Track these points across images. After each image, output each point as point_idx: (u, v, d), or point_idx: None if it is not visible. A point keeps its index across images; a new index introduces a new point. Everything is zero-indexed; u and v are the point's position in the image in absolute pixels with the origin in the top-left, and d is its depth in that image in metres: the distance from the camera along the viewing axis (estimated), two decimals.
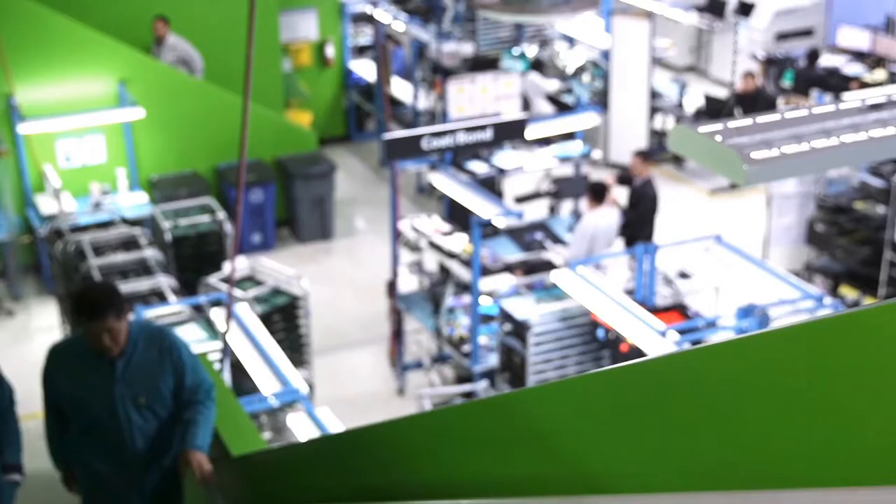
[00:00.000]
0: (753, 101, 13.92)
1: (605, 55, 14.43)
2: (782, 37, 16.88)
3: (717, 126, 6.75)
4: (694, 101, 15.09)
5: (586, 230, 10.09)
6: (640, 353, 7.88)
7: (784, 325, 1.75)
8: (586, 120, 12.07)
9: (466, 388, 9.50)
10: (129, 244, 9.49)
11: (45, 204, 11.95)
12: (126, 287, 8.64)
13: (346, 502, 3.82)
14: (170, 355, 5.06)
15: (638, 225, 10.80)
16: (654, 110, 14.82)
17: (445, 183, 10.53)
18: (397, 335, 10.47)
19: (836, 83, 14.62)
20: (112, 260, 9.13)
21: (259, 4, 4.95)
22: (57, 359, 5.12)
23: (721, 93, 15.46)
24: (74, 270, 9.15)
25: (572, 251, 10.14)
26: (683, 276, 9.72)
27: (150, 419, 5.08)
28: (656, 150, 14.42)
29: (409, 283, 10.62)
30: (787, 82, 15.28)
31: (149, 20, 13.10)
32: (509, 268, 9.96)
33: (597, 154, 14.06)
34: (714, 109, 14.41)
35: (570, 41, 15.15)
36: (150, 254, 9.26)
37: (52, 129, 12.04)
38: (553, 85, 14.55)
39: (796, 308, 8.17)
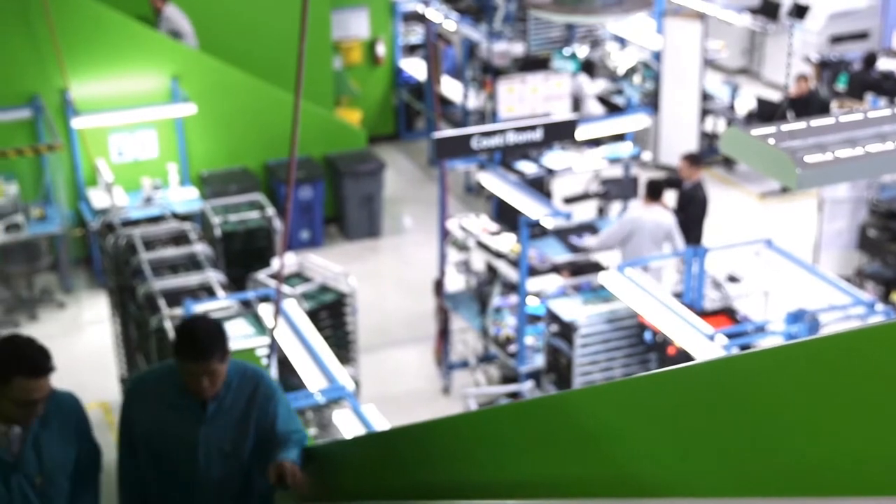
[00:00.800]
0: (807, 105, 13.79)
1: (657, 56, 14.35)
2: (836, 40, 16.71)
3: (770, 129, 6.69)
4: (746, 104, 14.97)
5: (627, 221, 10.07)
6: (687, 357, 7.83)
7: (834, 331, 1.73)
8: (636, 121, 12.01)
9: (512, 388, 9.49)
10: (179, 239, 9.56)
11: (98, 198, 12.09)
12: (175, 282, 8.71)
13: (391, 499, 3.83)
14: (265, 402, 4.60)
15: (687, 228, 10.72)
16: (705, 112, 14.72)
17: (494, 183, 10.52)
18: (443, 334, 10.47)
19: (892, 87, 14.44)
20: (162, 254, 9.20)
21: (311, 2, 4.97)
22: (138, 392, 4.66)
23: (773, 95, 15.32)
24: (125, 264, 9.24)
25: (605, 235, 10.10)
26: (732, 279, 9.64)
27: (233, 468, 4.65)
28: (706, 152, 14.32)
29: (456, 282, 10.63)
30: (841, 86, 15.11)
31: (203, 17, 13.20)
32: (556, 268, 9.93)
33: (646, 156, 14.01)
34: (766, 112, 14.29)
35: (622, 42, 15.08)
36: (200, 249, 9.32)
37: (105, 123, 12.18)
38: (603, 86, 14.49)
39: (847, 314, 8.07)
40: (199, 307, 8.19)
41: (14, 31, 11.72)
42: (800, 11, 15.42)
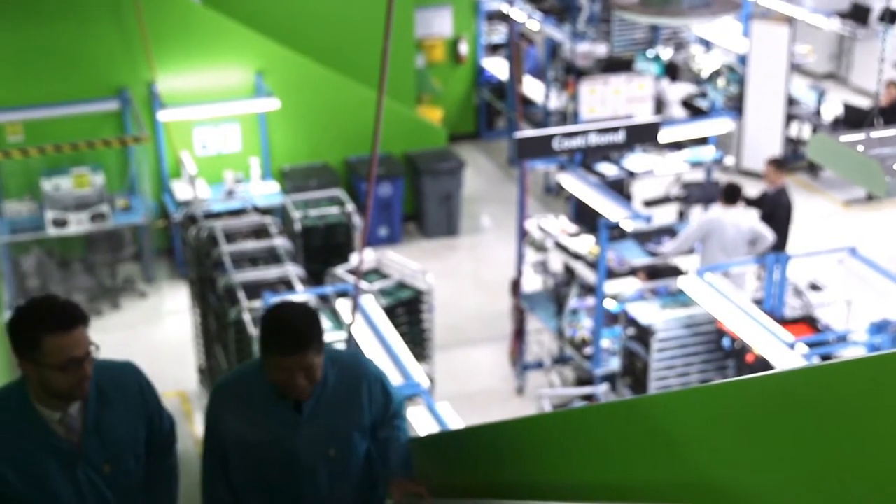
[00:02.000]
0: None
1: (742, 60, 14.18)
2: None
3: (859, 136, 6.57)
4: (832, 110, 14.72)
5: (705, 222, 9.99)
6: (766, 365, 7.73)
7: None
8: (720, 125, 11.88)
9: (586, 390, 9.44)
10: (260, 232, 9.66)
11: (181, 190, 12.26)
12: (255, 274, 8.80)
13: (462, 497, 3.83)
14: (368, 392, 3.99)
15: None
16: (790, 117, 14.51)
17: (574, 184, 10.48)
18: (519, 334, 10.46)
19: None
20: (242, 247, 9.30)
21: (396, 0, 4.99)
22: (223, 399, 4.03)
23: (861, 102, 15.04)
24: (206, 256, 9.35)
25: (682, 238, 10.00)
26: (815, 287, 9.51)
27: (340, 473, 4.03)
28: (790, 158, 14.11)
29: (533, 282, 10.61)
30: None
31: (288, 12, 13.33)
32: (634, 271, 9.86)
33: (729, 160, 13.85)
34: (853, 119, 14.03)
35: (707, 45, 14.92)
36: (280, 243, 9.41)
37: (190, 117, 12.35)
38: (687, 89, 14.36)
39: None
40: (278, 301, 8.26)
41: (105, 25, 11.94)
42: (892, 16, 15.11)
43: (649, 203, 11.98)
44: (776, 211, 10.69)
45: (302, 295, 8.46)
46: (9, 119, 11.84)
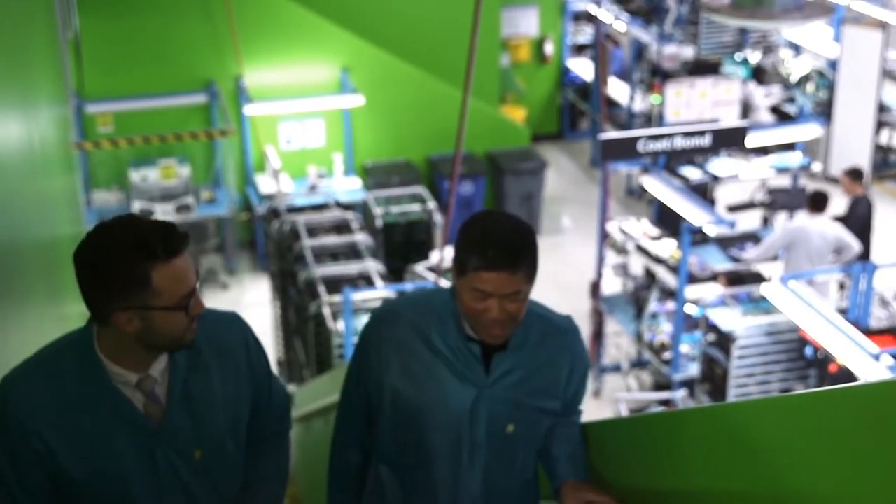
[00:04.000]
0: None
1: (832, 65, 13.94)
2: None
3: None
4: None
5: (790, 230, 9.87)
6: (850, 376, 7.60)
7: None
8: (808, 131, 11.72)
9: (664, 395, 9.36)
10: (342, 228, 9.72)
11: (265, 183, 12.39)
12: (335, 269, 8.86)
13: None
14: (570, 368, 3.05)
15: None
16: (880, 124, 14.24)
17: (657, 187, 10.39)
18: (597, 336, 10.40)
19: None
20: (324, 242, 9.37)
21: None
22: (389, 324, 3.01)
23: None
24: (288, 250, 9.44)
25: (766, 244, 9.88)
26: None
27: (510, 462, 3.07)
28: (880, 165, 13.86)
29: (612, 285, 10.54)
30: None
31: (374, 9, 13.40)
32: (716, 277, 9.76)
33: (816, 166, 13.62)
34: None
35: (796, 49, 14.70)
36: (361, 238, 9.46)
37: (276, 111, 12.49)
38: (774, 93, 14.16)
39: None
40: (358, 296, 8.31)
41: (195, 19, 12.11)
42: None
43: (733, 208, 11.85)
44: (852, 220, 10.52)
45: (381, 290, 8.50)
46: (100, 110, 12.08)
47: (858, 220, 10.58)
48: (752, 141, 10.60)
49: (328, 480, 3.22)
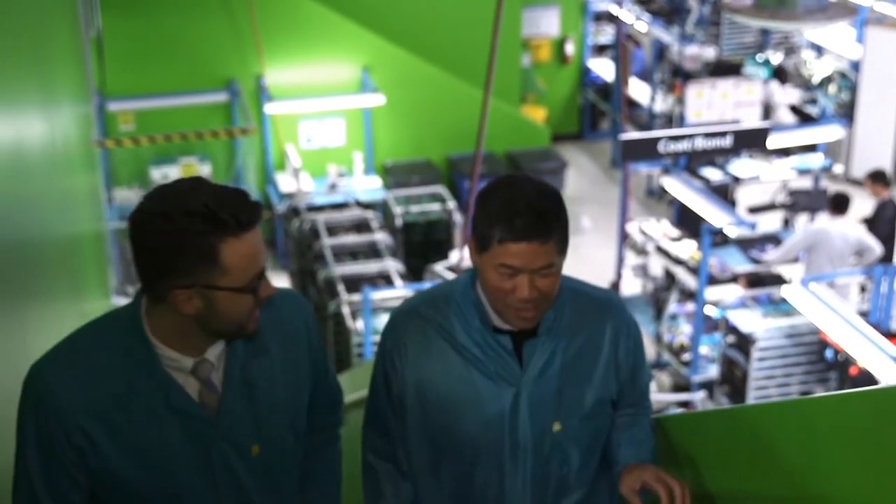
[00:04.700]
0: None
1: (855, 66, 13.88)
2: None
3: None
4: None
5: (811, 232, 9.81)
6: (870, 379, 7.57)
7: None
8: (829, 132, 11.67)
9: (683, 397, 9.34)
10: (361, 227, 9.75)
11: (285, 182, 12.41)
12: (355, 268, 8.88)
13: None
14: (614, 342, 2.70)
15: None
16: None
17: (678, 188, 10.37)
18: None
19: None
20: (344, 241, 9.39)
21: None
22: (406, 329, 2.70)
23: None
24: (307, 248, 9.47)
25: (787, 246, 9.83)
26: None
27: (566, 450, 2.70)
28: None
29: (632, 286, 10.52)
30: None
31: (395, 9, 13.40)
32: (736, 278, 9.73)
33: (838, 168, 13.56)
34: None
35: (819, 50, 14.64)
36: (381, 237, 9.48)
37: (296, 110, 12.51)
38: (796, 94, 14.12)
39: None
40: (377, 295, 8.33)
41: (216, 18, 12.15)
42: None
43: (754, 210, 11.81)
44: (877, 224, 10.47)
45: (401, 290, 8.51)
46: (121, 108, 12.13)
47: (886, 224, 10.53)
48: (773, 142, 10.57)
49: (364, 491, 2.90)
